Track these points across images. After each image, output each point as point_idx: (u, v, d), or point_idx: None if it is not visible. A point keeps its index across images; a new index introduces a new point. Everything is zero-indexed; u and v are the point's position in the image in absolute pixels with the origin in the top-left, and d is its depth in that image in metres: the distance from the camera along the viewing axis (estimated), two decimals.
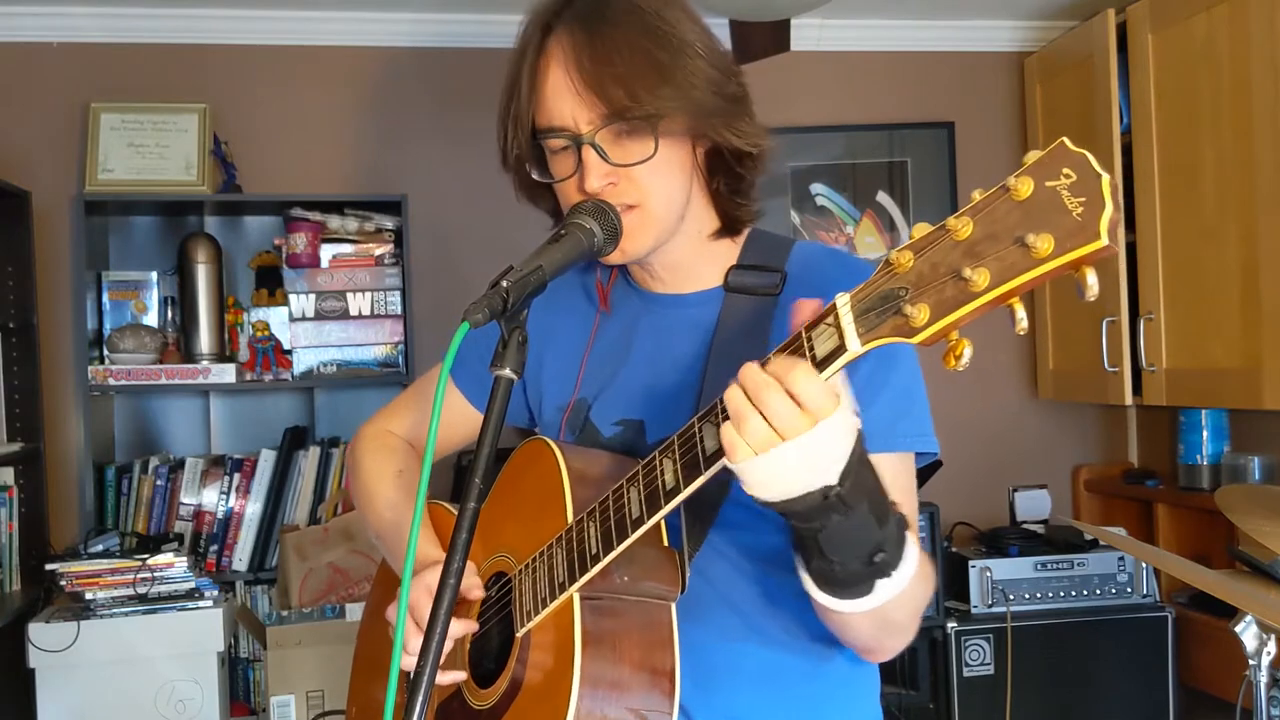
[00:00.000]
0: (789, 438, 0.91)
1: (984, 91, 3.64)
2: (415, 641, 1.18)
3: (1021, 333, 0.81)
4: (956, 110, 3.62)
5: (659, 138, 1.16)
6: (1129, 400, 3.12)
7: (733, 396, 0.94)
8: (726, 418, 0.95)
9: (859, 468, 0.94)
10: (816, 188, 3.56)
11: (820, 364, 0.91)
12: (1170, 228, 2.94)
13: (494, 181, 1.29)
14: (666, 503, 1.04)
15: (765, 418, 0.91)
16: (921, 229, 0.86)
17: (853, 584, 1.00)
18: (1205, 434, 3.12)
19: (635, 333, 1.31)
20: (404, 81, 3.37)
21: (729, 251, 1.29)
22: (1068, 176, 0.78)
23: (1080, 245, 0.77)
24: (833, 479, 0.93)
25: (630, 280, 1.33)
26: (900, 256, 0.85)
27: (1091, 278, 0.78)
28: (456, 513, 1.38)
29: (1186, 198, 2.89)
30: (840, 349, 0.89)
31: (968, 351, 0.84)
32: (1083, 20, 3.32)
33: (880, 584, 1.00)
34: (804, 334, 0.93)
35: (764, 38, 2.80)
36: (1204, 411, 3.10)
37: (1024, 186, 0.80)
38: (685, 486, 1.02)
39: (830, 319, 0.90)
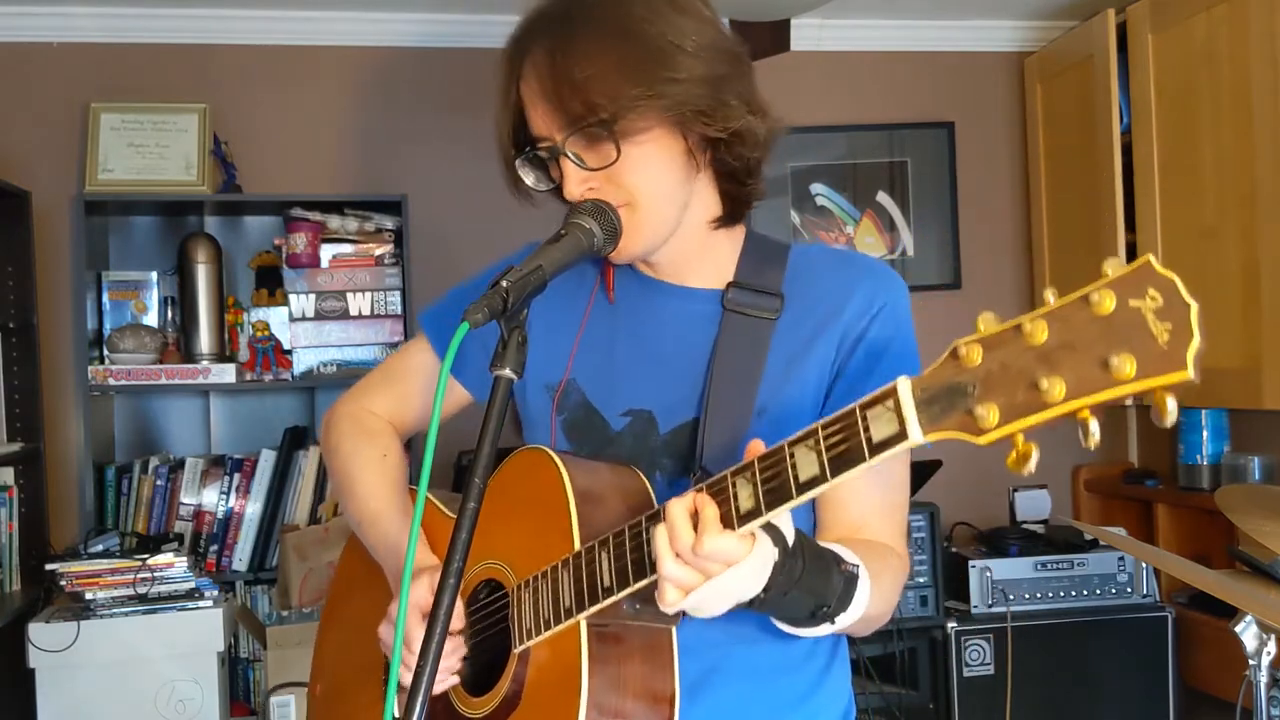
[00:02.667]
0: (710, 577, 0.98)
1: (984, 91, 3.64)
2: (410, 658, 1.13)
3: (1093, 447, 0.79)
4: (956, 110, 3.62)
5: (619, 141, 1.14)
6: (1129, 400, 3.11)
7: (658, 541, 0.99)
8: (754, 477, 0.97)
9: (784, 573, 1.00)
10: (816, 188, 3.56)
11: (875, 448, 0.88)
12: (1170, 228, 2.94)
13: (494, 181, 1.29)
14: None
15: (688, 564, 0.98)
16: (989, 322, 0.83)
17: (802, 626, 1.09)
18: (1205, 434, 3.11)
19: (635, 317, 1.29)
20: (404, 81, 3.37)
21: (728, 250, 1.28)
22: (1154, 299, 0.76)
23: (1164, 373, 0.76)
24: (756, 591, 1.00)
25: (633, 265, 1.31)
26: (969, 350, 0.83)
27: (1171, 404, 0.76)
28: (443, 505, 1.37)
29: (1186, 198, 2.89)
30: (900, 435, 0.87)
31: (1035, 456, 0.81)
32: (1083, 20, 3.32)
33: (826, 625, 1.07)
34: (858, 411, 0.90)
35: (764, 38, 2.80)
36: (1204, 411, 3.10)
37: (1107, 301, 0.78)
38: None
39: (890, 402, 0.88)
